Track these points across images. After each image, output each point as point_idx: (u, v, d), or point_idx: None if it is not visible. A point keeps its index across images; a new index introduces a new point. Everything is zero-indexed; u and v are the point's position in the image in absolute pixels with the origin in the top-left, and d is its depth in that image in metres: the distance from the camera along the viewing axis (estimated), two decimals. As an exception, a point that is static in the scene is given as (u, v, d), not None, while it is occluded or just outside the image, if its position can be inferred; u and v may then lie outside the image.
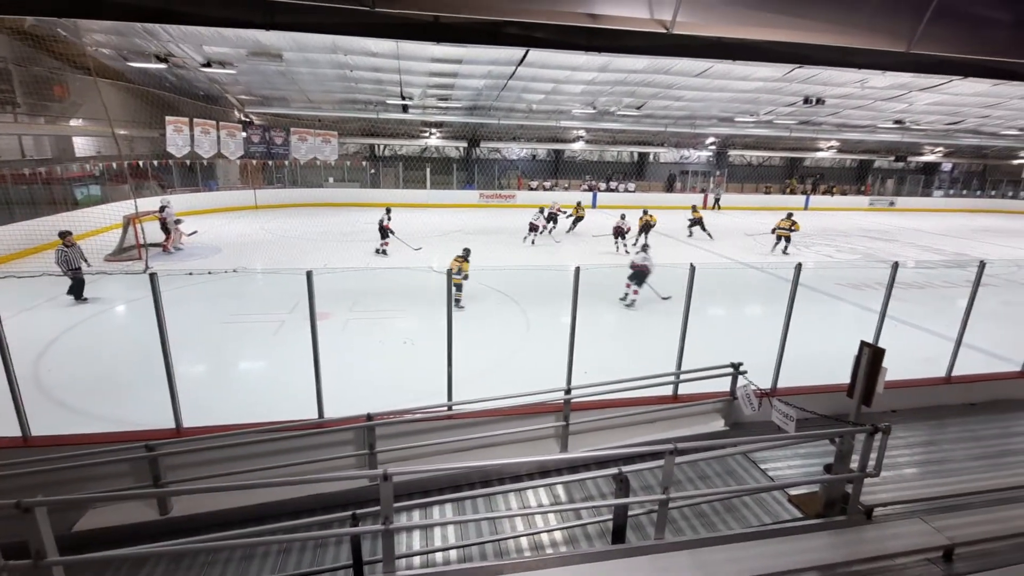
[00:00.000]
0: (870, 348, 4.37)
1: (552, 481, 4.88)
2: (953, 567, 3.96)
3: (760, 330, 6.88)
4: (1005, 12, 3.83)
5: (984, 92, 21.48)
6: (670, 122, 27.23)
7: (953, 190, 37.70)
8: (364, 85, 21.48)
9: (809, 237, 22.04)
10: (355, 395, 6.62)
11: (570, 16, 3.11)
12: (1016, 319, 7.51)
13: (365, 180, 29.76)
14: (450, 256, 10.90)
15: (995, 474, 5.22)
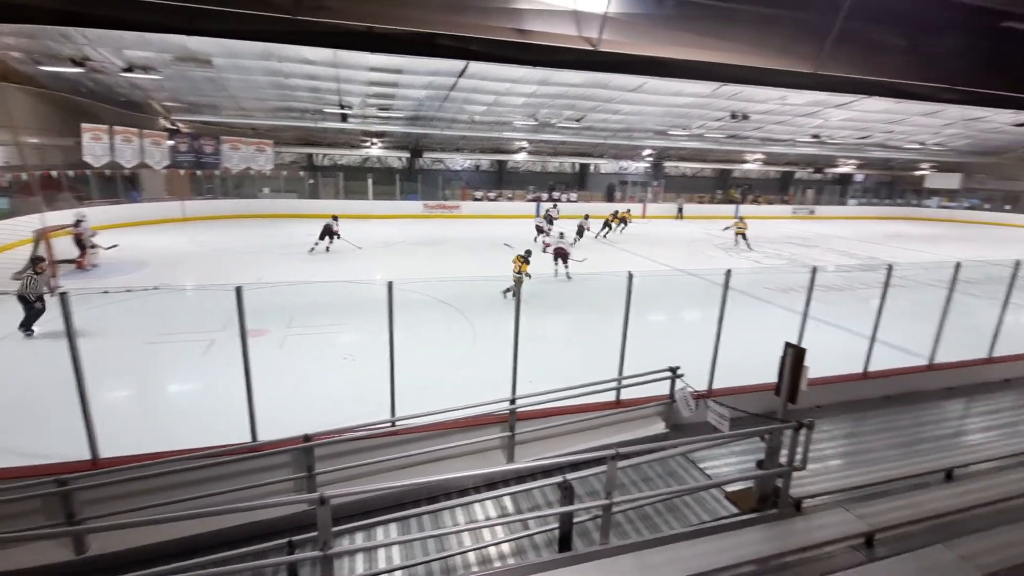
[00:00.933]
0: (793, 348, 4.63)
1: (499, 493, 4.86)
2: (874, 552, 4.24)
3: (698, 334, 7.15)
4: (899, 39, 4.25)
5: (888, 109, 23.57)
6: (609, 134, 28.10)
7: (865, 199, 40.93)
8: (300, 93, 20.86)
9: (741, 243, 23.26)
10: (293, 416, 6.31)
11: (500, 31, 3.16)
12: (924, 317, 8.19)
13: (303, 190, 28.75)
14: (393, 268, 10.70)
15: (910, 461, 5.64)
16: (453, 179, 32.78)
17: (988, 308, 8.43)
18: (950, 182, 38.48)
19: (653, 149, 33.10)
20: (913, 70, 4.43)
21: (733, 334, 6.60)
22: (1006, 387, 8.10)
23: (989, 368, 8.20)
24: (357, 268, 15.19)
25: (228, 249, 17.91)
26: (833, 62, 4.01)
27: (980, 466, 5.55)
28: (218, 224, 23.64)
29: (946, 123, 26.57)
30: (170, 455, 4.81)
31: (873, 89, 5.56)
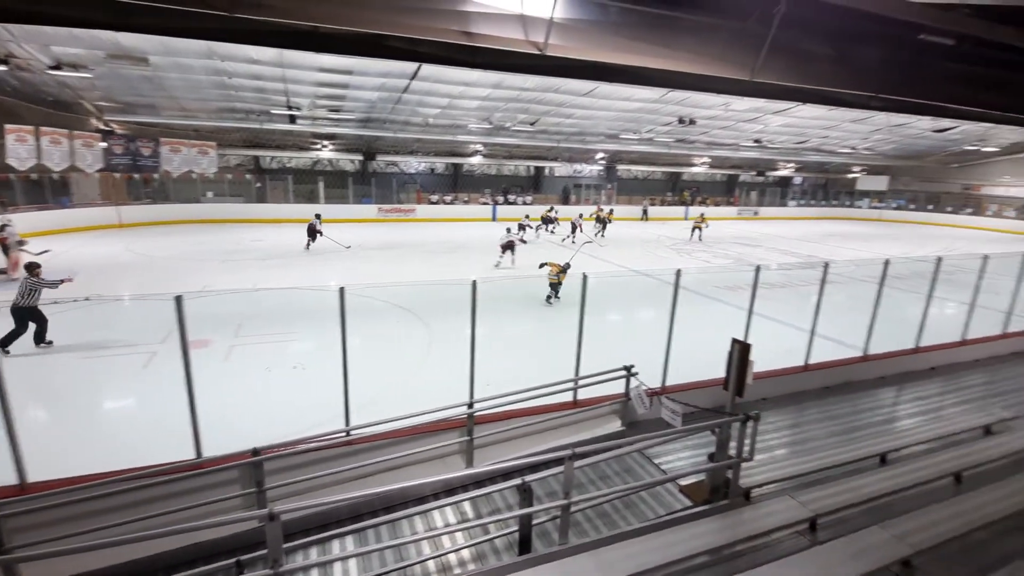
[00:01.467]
0: (740, 344, 4.82)
1: (458, 498, 4.82)
2: (817, 536, 4.46)
3: (652, 333, 7.33)
4: (828, 49, 4.51)
5: (822, 116, 24.97)
6: (562, 138, 28.48)
7: (803, 200, 43.18)
8: (245, 93, 20.10)
9: (690, 244, 24.04)
10: (240, 429, 6.07)
11: (447, 33, 3.14)
12: (859, 311, 8.69)
13: (250, 194, 27.69)
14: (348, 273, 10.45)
15: (848, 448, 5.95)
16: (408, 182, 32.36)
17: (915, 302, 9.04)
18: (879, 184, 41.13)
19: (606, 152, 33.78)
20: (841, 79, 4.72)
21: (685, 332, 6.81)
22: (932, 375, 8.71)
23: (916, 357, 8.79)
24: (310, 274, 14.75)
25: (169, 257, 17.03)
26: (768, 70, 4.22)
27: (910, 449, 5.94)
28: (158, 230, 22.45)
29: (874, 129, 28.41)
30: (107, 476, 4.52)
31: (806, 96, 5.90)
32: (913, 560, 3.95)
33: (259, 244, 19.79)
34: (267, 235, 21.93)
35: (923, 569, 4.00)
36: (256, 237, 21.32)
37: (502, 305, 12.06)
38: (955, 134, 29.89)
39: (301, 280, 13.65)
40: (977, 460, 5.51)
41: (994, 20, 4.66)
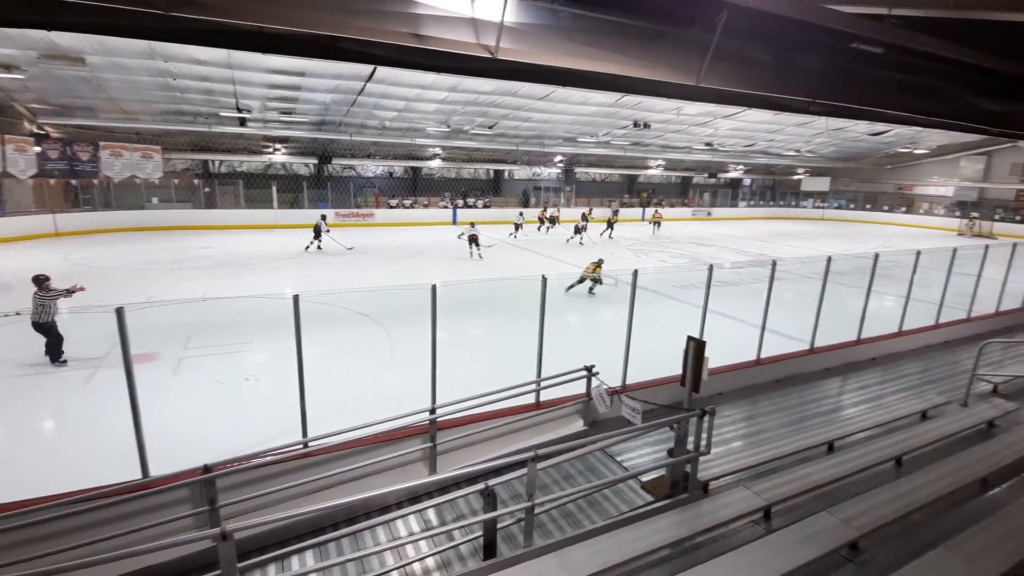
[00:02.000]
0: (695, 341, 4.96)
1: (422, 506, 4.74)
2: (771, 524, 4.63)
3: (612, 332, 7.45)
4: (768, 56, 4.73)
5: (768, 120, 26.09)
6: (521, 141, 28.66)
7: (753, 201, 44.95)
8: (192, 95, 19.33)
9: (647, 245, 24.61)
10: (190, 445, 5.80)
11: (397, 35, 3.10)
12: (805, 307, 9.08)
13: (198, 200, 26.59)
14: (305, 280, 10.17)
15: (798, 437, 6.20)
16: (365, 186, 31.80)
17: (856, 296, 9.53)
18: (821, 185, 43.26)
19: (564, 156, 34.20)
20: (782, 85, 4.95)
21: (644, 330, 6.95)
22: (872, 365, 9.20)
23: (858, 349, 9.27)
24: (264, 282, 14.27)
25: (112, 267, 16.13)
26: (713, 76, 4.38)
27: (855, 437, 6.25)
28: (99, 239, 21.24)
29: (815, 132, 29.88)
30: (46, 501, 4.23)
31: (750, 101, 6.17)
32: (859, 542, 4.16)
33: (209, 251, 19.01)
34: (217, 242, 21.10)
35: (868, 551, 4.21)
36: (205, 244, 20.48)
37: (464, 309, 12.00)
38: (889, 137, 31.82)
39: (254, 288, 13.19)
40: (915, 444, 5.86)
41: (918, 30, 4.99)
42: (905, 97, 6.04)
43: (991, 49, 5.39)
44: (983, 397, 7.38)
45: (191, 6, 2.60)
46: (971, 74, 6.06)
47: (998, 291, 11.62)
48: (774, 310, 8.12)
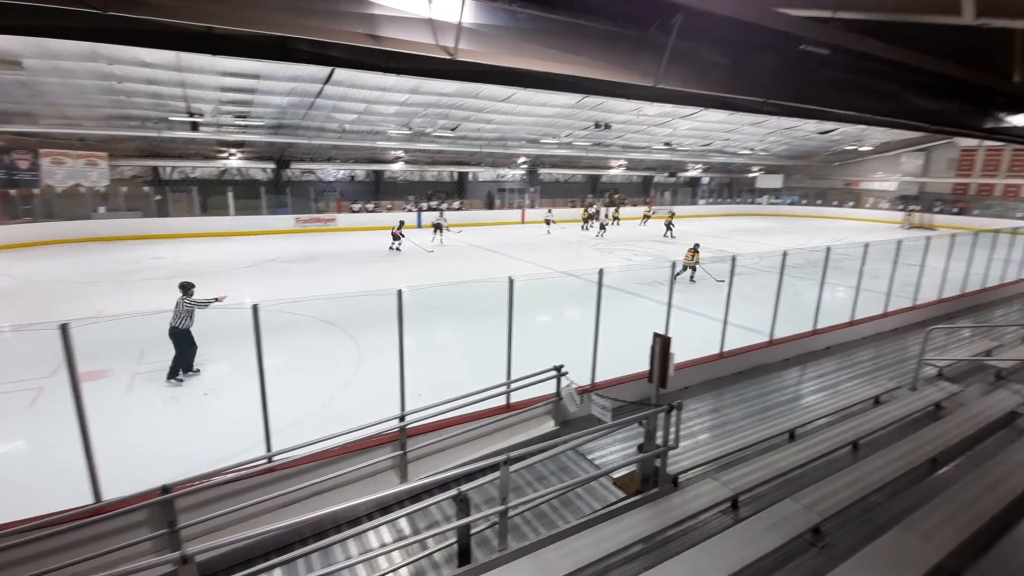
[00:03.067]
0: (660, 338, 5.04)
1: (394, 516, 4.66)
2: (739, 513, 4.75)
3: (580, 331, 7.50)
4: (723, 58, 4.87)
5: (724, 120, 26.88)
6: (484, 143, 28.63)
7: (711, 199, 46.23)
8: (139, 99, 18.49)
9: (612, 244, 24.96)
10: (146, 466, 5.55)
11: (352, 36, 3.03)
12: (764, 300, 9.36)
13: (149, 208, 25.45)
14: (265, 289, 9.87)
15: (761, 427, 6.38)
16: (326, 190, 31.13)
17: (810, 288, 9.91)
18: (775, 182, 44.87)
19: (527, 157, 34.34)
20: (736, 85, 5.12)
21: (611, 328, 7.03)
22: (828, 353, 9.57)
23: (814, 339, 9.63)
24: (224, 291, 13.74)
25: (57, 280, 15.26)
26: (670, 77, 4.48)
27: (814, 424, 6.48)
28: (41, 251, 20.08)
29: (769, 132, 30.98)
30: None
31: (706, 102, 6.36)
32: (822, 527, 4.31)
33: (162, 262, 18.25)
34: (171, 251, 20.28)
35: (831, 534, 4.37)
36: (158, 254, 19.64)
37: (433, 313, 11.89)
38: (836, 135, 33.27)
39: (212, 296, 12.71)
40: (869, 429, 6.12)
41: (862, 33, 5.23)
42: (850, 96, 6.32)
43: (926, 50, 5.70)
44: (930, 381, 7.78)
45: (132, 5, 2.46)
46: (910, 74, 6.40)
47: (939, 280, 12.30)
48: (735, 304, 8.35)
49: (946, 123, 8.26)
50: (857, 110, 6.72)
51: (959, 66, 6.13)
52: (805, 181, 45.11)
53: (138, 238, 23.24)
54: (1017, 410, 6.53)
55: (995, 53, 7.44)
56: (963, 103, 8.08)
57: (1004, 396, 6.78)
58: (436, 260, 18.66)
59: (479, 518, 4.25)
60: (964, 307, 12.87)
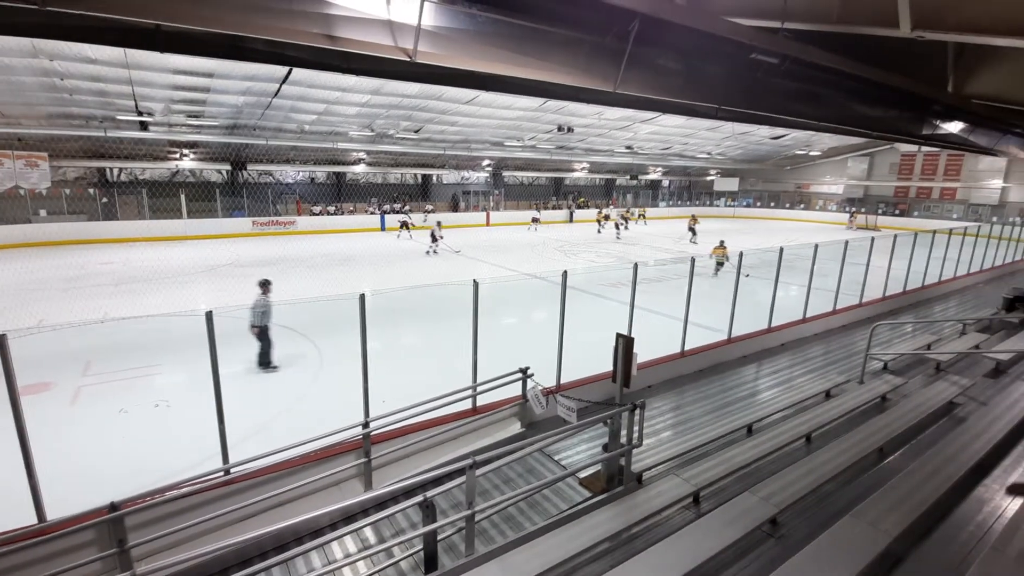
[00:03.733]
0: (624, 338, 5.13)
1: (359, 525, 4.56)
2: (700, 508, 4.87)
3: (546, 333, 7.54)
4: (679, 65, 5.02)
5: (682, 125, 27.60)
6: (448, 145, 28.51)
7: (672, 201, 47.43)
8: (84, 97, 17.60)
9: (576, 246, 25.24)
10: (94, 483, 5.27)
11: (308, 36, 2.97)
12: (723, 299, 9.64)
13: (94, 211, 24.22)
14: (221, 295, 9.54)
15: (721, 423, 6.56)
16: (285, 193, 30.34)
17: (765, 287, 10.27)
18: (731, 185, 46.41)
19: (491, 159, 34.39)
20: (691, 92, 5.28)
21: (576, 329, 7.10)
22: (782, 350, 9.95)
23: (769, 336, 10.00)
24: (174, 298, 13.20)
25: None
26: (629, 83, 4.59)
27: (771, 418, 6.72)
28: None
29: (725, 136, 32.00)
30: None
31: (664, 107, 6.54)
32: (778, 518, 4.47)
33: (109, 267, 17.39)
34: (119, 256, 19.34)
35: (787, 524, 4.54)
36: (105, 260, 18.71)
37: (397, 317, 11.74)
38: (787, 141, 34.67)
39: (163, 306, 12.17)
40: (821, 421, 6.38)
41: (808, 43, 5.48)
42: (798, 104, 6.62)
43: (868, 61, 6.02)
44: (876, 374, 8.18)
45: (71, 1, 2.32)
46: (853, 83, 6.74)
47: (884, 278, 12.97)
48: (695, 304, 8.57)
49: (887, 130, 8.74)
50: (804, 117, 7.03)
51: (898, 76, 6.50)
52: (759, 184, 46.86)
53: (83, 243, 22.09)
54: (955, 400, 6.94)
55: (931, 64, 7.94)
56: (902, 111, 8.58)
57: (943, 387, 7.20)
58: (401, 263, 18.44)
59: (446, 524, 4.22)
60: (906, 304, 13.61)
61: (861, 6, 4.75)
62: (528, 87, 4.66)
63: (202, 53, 3.83)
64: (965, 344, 9.15)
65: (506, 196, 37.60)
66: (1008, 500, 4.55)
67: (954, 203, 35.75)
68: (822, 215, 41.28)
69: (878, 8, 4.63)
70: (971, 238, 16.22)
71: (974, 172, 34.44)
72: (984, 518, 4.36)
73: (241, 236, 25.61)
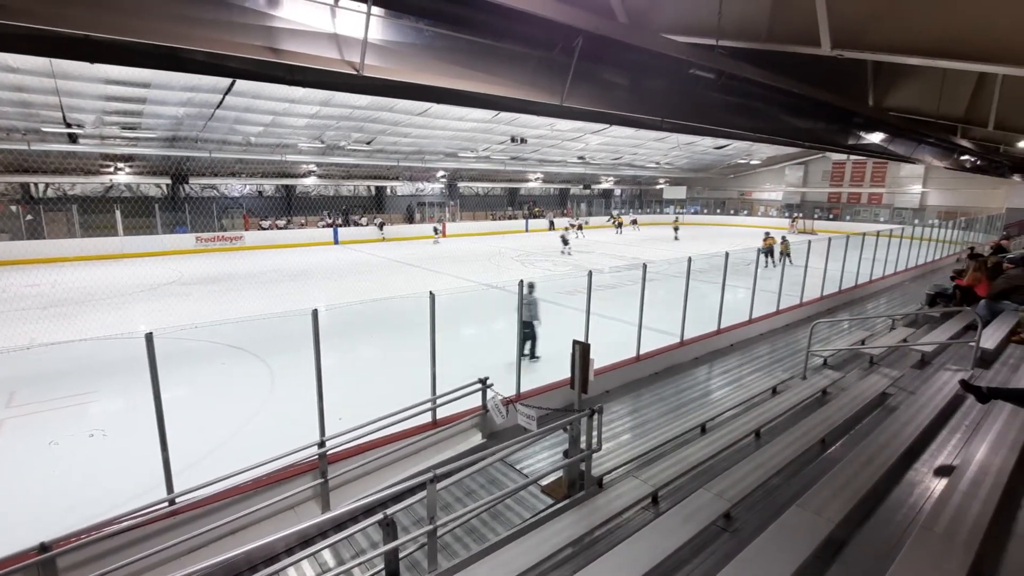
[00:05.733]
0: (580, 345, 5.21)
1: (316, 548, 4.42)
2: (659, 508, 4.98)
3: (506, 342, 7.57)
4: (623, 79, 5.23)
5: (631, 136, 28.48)
6: (401, 157, 28.31)
7: (624, 209, 48.70)
8: (3, 108, 16.47)
9: (532, 255, 25.48)
10: (21, 523, 4.89)
11: (249, 48, 2.90)
12: (675, 303, 9.95)
13: (17, 230, 22.58)
14: (162, 315, 9.08)
15: (676, 423, 6.74)
16: (231, 207, 29.25)
17: (714, 290, 10.69)
18: (680, 193, 48.14)
19: (446, 170, 34.35)
20: (636, 105, 5.50)
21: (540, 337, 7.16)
22: (732, 350, 10.36)
23: (719, 337, 10.39)
24: (112, 320, 12.44)
25: None
26: (575, 96, 4.73)
27: (722, 416, 6.96)
28: None
29: (671, 147, 33.22)
30: None
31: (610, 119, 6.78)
32: (731, 512, 4.63)
33: (35, 290, 16.21)
34: (47, 278, 18.05)
35: (739, 518, 4.71)
36: (31, 282, 17.44)
37: (352, 331, 11.50)
38: (729, 150, 36.35)
39: (98, 329, 11.46)
40: (769, 417, 6.67)
41: (741, 59, 5.81)
42: (734, 116, 6.98)
43: (796, 76, 6.44)
44: (817, 370, 8.63)
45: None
46: (783, 97, 7.18)
47: (821, 279, 13.75)
48: (649, 309, 8.81)
49: (816, 140, 9.33)
50: (741, 128, 7.42)
51: (824, 90, 6.98)
52: (706, 192, 48.85)
53: (4, 264, 20.51)
54: (887, 391, 7.41)
55: (853, 80, 8.55)
56: (829, 123, 9.19)
57: (876, 379, 7.67)
58: (355, 277, 18.08)
59: (407, 540, 4.15)
60: (842, 302, 14.46)
61: (786, 26, 5.09)
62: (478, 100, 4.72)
63: (136, 63, 3.67)
64: (894, 338, 9.79)
65: (461, 207, 37.60)
66: (935, 481, 4.88)
67: (880, 207, 38.36)
68: (764, 220, 43.40)
69: (801, 28, 4.97)
70: (896, 239, 17.44)
71: (897, 178, 37.11)
72: (915, 499, 4.66)
73: (184, 253, 24.47)
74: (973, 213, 30.32)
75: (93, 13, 2.47)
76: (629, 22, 5.63)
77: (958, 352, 8.75)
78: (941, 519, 3.76)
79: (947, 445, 5.57)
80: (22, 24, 2.38)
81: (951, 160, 14.47)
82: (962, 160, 15.00)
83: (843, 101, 7.77)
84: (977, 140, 11.91)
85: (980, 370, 7.48)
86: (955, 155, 13.95)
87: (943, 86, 8.65)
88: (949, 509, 3.92)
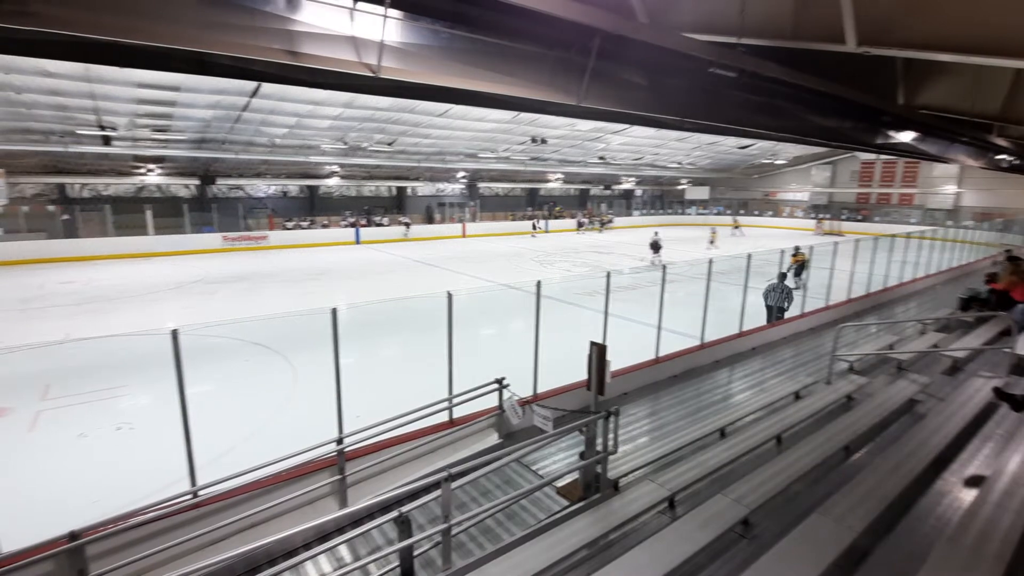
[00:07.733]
0: (597, 346, 5.19)
1: (333, 543, 4.50)
2: (675, 512, 4.93)
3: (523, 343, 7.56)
4: (641, 79, 5.18)
5: (652, 135, 28.20)
6: (422, 157, 28.52)
7: (645, 210, 48.24)
8: (41, 111, 17.09)
9: (551, 256, 25.42)
10: (53, 512, 5.07)
11: (270, 52, 2.97)
12: (695, 305, 9.82)
13: (55, 229, 23.43)
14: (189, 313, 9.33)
15: (695, 427, 6.64)
16: (257, 207, 29.86)
17: (736, 292, 10.51)
18: (702, 193, 47.48)
19: (466, 171, 34.51)
20: (655, 105, 5.45)
21: (552, 338, 7.14)
22: (753, 354, 10.17)
23: (741, 340, 10.22)
24: (139, 318, 12.83)
25: (-62, 311, 13.68)
26: (593, 96, 4.71)
27: (743, 420, 6.84)
28: (-80, 279, 17.98)
29: (693, 147, 32.79)
30: None
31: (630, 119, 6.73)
32: (750, 518, 4.55)
33: (70, 287, 16.81)
34: (81, 275, 18.73)
35: (759, 524, 4.63)
36: (66, 279, 18.09)
37: (372, 331, 11.63)
38: (753, 150, 35.71)
39: (127, 325, 11.84)
40: (791, 422, 6.54)
41: (763, 57, 5.70)
42: (757, 115, 6.86)
43: (822, 74, 6.29)
44: (842, 375, 8.42)
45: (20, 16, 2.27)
46: (808, 95, 7.03)
47: (848, 281, 13.41)
48: (668, 310, 8.71)
49: (843, 139, 9.11)
50: (765, 128, 7.28)
51: (850, 88, 6.80)
52: (729, 192, 48.01)
53: (42, 261, 21.32)
54: (915, 397, 7.19)
55: (882, 77, 8.32)
56: (856, 121, 8.95)
57: (904, 385, 7.45)
58: (376, 276, 18.29)
59: (422, 538, 4.18)
60: (870, 306, 14.08)
61: (811, 22, 4.97)
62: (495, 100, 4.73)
63: (163, 68, 3.79)
64: (924, 343, 9.49)
65: (481, 207, 37.71)
66: (965, 492, 4.73)
67: (912, 208, 37.23)
68: (790, 221, 42.52)
69: (826, 25, 4.86)
70: (928, 241, 16.91)
71: (929, 178, 35.95)
72: (943, 510, 4.52)
73: (211, 252, 25.08)
74: (1011, 214, 29.19)
75: (120, 19, 2.56)
76: (649, 22, 5.56)
77: (992, 358, 8.45)
78: (970, 531, 3.64)
79: (978, 455, 5.38)
80: (57, 31, 2.47)
81: (986, 159, 13.97)
82: (998, 159, 14.46)
83: (871, 99, 7.57)
84: (1014, 139, 11.47)
85: (1016, 377, 7.20)
86: (991, 154, 13.46)
87: (978, 82, 8.36)
88: (978, 521, 3.79)
